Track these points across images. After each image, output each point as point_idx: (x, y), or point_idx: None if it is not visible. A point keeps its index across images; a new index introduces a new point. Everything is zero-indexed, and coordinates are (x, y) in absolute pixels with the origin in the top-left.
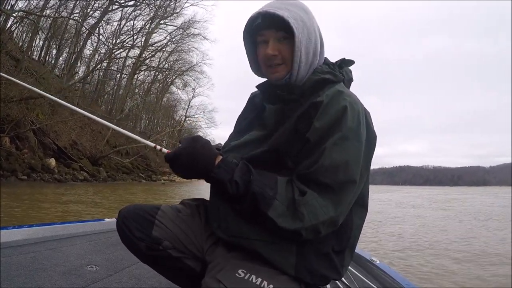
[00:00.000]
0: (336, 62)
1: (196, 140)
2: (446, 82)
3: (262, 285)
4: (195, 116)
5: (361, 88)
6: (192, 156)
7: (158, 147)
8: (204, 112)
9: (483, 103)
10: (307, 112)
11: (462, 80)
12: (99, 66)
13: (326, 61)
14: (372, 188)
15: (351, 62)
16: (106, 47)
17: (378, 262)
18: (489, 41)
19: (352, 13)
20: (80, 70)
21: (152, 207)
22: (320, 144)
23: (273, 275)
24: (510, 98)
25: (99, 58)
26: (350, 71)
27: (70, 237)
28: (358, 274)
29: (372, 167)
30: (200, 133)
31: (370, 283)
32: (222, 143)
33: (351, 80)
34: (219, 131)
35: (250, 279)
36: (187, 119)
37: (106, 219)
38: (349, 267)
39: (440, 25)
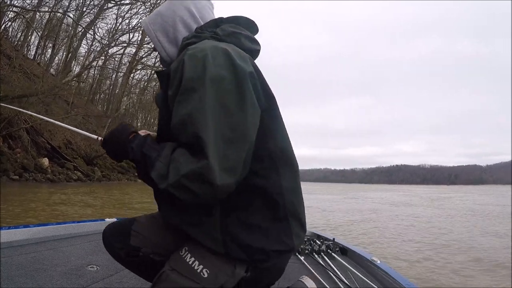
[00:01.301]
0: (209, 21)
1: (119, 124)
2: (441, 82)
3: (193, 265)
4: None
5: (356, 87)
6: (113, 138)
7: (100, 138)
8: None
9: (477, 103)
10: (166, 83)
11: (456, 80)
12: (95, 64)
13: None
14: (368, 187)
15: (234, 19)
16: (101, 44)
17: (379, 262)
18: (482, 42)
19: (347, 13)
20: (75, 70)
21: (128, 220)
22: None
23: (205, 255)
24: (502, 98)
25: (93, 56)
26: (234, 26)
27: (70, 237)
28: (359, 274)
29: (368, 166)
30: None
31: (371, 283)
32: None
33: (234, 33)
34: None
35: (185, 258)
36: None
37: (107, 219)
38: (350, 266)
39: (433, 26)
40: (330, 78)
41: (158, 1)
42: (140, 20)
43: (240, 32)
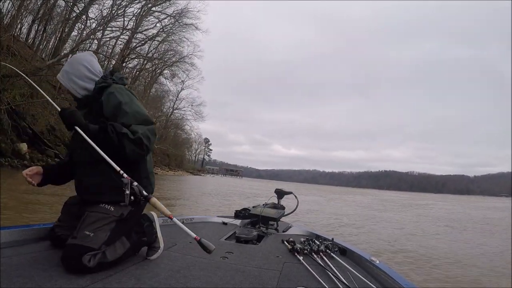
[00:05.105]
0: (107, 72)
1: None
2: (433, 88)
3: (103, 205)
4: (183, 108)
5: (348, 89)
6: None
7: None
8: (192, 105)
9: (469, 111)
10: (98, 108)
11: (449, 87)
12: (86, 48)
13: (104, 74)
14: (353, 191)
15: (118, 70)
16: (89, 28)
17: (378, 262)
18: (478, 49)
19: (342, 12)
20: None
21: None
22: (115, 115)
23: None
24: (493, 108)
25: (81, 39)
26: (120, 73)
27: None
28: (358, 274)
29: (357, 170)
30: (187, 126)
31: (370, 283)
32: (208, 137)
33: (123, 78)
34: (205, 125)
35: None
36: (174, 111)
37: None
38: (349, 266)
39: (429, 30)
40: (321, 79)
41: None
42: (130, 12)
43: (125, 78)
